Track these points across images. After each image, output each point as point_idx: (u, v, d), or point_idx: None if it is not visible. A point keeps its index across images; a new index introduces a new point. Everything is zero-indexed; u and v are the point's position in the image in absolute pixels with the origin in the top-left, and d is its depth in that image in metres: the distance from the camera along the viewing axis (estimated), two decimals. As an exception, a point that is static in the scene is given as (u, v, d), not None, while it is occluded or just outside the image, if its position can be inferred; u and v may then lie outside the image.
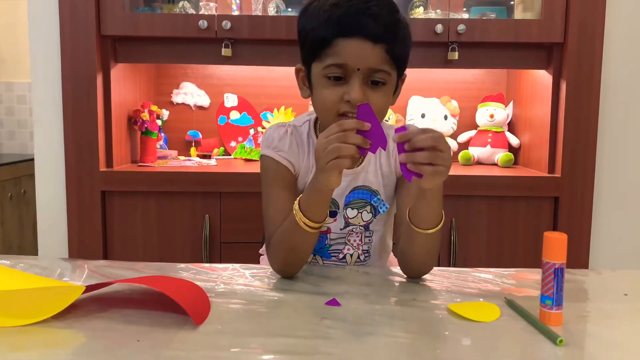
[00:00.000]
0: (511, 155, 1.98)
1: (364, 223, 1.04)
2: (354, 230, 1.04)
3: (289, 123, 1.05)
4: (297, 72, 1.00)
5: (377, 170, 1.05)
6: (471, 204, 1.75)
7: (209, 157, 2.10)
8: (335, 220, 1.03)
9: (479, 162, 2.08)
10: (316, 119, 1.06)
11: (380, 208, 1.04)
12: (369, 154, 0.91)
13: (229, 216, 1.73)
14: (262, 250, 1.24)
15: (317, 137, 1.03)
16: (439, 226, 0.90)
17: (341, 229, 1.04)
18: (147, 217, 1.73)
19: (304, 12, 0.95)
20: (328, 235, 1.04)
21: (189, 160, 2.00)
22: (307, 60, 0.95)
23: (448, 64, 1.79)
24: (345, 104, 0.90)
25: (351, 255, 1.06)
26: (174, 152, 2.08)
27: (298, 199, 0.89)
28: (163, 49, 1.77)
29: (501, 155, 1.99)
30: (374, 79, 0.90)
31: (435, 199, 0.87)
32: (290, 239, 0.91)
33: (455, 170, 1.86)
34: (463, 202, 1.75)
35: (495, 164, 2.03)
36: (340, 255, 1.06)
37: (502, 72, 2.16)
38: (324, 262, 1.06)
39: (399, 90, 1.00)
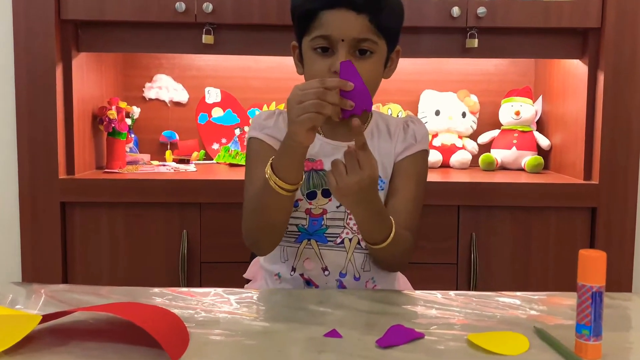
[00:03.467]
0: (540, 159, 1.99)
1: None
2: None
3: (278, 109, 1.16)
4: (293, 49, 1.13)
5: (374, 147, 1.11)
6: (494, 217, 1.75)
7: (187, 161, 2.10)
8: (330, 200, 1.09)
9: (502, 167, 2.08)
10: None
11: (379, 185, 1.08)
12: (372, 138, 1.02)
13: (211, 231, 1.73)
14: (248, 273, 1.25)
15: None
16: (388, 240, 1.00)
17: (337, 207, 1.09)
18: (114, 233, 1.73)
19: None
20: (324, 216, 1.09)
21: (164, 165, 2.00)
22: (298, 36, 1.09)
23: (466, 52, 1.79)
24: (332, 75, 1.00)
25: (350, 240, 1.10)
26: (146, 157, 2.08)
27: (271, 159, 0.97)
28: (133, 36, 1.77)
29: (529, 158, 2.00)
30: (361, 48, 1.03)
31: (365, 210, 0.96)
32: (263, 204, 1.00)
33: (475, 177, 1.86)
34: (484, 214, 1.75)
35: (522, 169, 2.04)
36: (338, 240, 1.10)
37: (530, 63, 2.17)
38: (320, 247, 1.10)
39: (395, 64, 1.12)
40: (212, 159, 2.12)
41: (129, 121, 1.99)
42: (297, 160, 0.96)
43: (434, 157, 2.02)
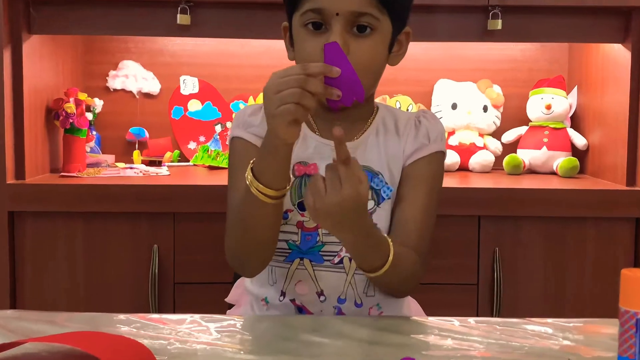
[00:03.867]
0: (576, 161, 1.99)
1: None
2: None
3: None
4: (284, 31, 1.13)
5: (380, 147, 1.11)
6: (521, 229, 1.76)
7: (158, 164, 2.10)
8: None
9: (531, 170, 2.09)
10: None
11: (384, 192, 1.09)
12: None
13: (187, 247, 1.73)
14: (231, 296, 1.26)
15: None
16: (385, 267, 0.98)
17: (328, 232, 1.08)
18: (72, 249, 1.73)
19: None
20: (319, 231, 1.09)
21: (131, 168, 2.00)
22: (289, 13, 1.09)
23: (488, 36, 1.80)
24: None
25: (350, 259, 1.09)
26: (110, 158, 2.08)
27: (251, 162, 0.98)
28: (95, 16, 1.78)
29: (562, 160, 2.01)
30: (360, 24, 1.02)
31: (352, 235, 0.94)
32: (246, 216, 1.00)
33: (499, 182, 1.87)
34: (510, 225, 1.75)
35: (554, 173, 2.05)
36: (336, 259, 1.09)
37: (563, 48, 2.18)
38: (315, 267, 1.09)
39: (404, 49, 1.12)
40: (189, 161, 2.13)
41: (89, 116, 1.99)
42: (282, 161, 0.96)
43: (451, 158, 2.03)
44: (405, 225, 1.07)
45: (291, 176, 1.07)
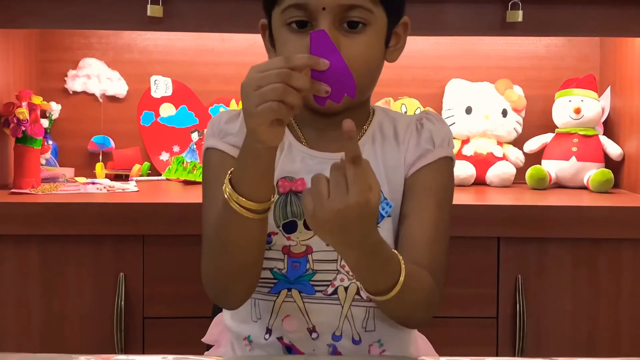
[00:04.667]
0: (609, 174, 2.00)
1: None
2: None
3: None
4: (262, 29, 1.14)
5: (377, 157, 1.12)
6: (547, 253, 1.76)
7: (125, 178, 2.10)
8: None
9: (558, 184, 2.09)
10: None
11: (383, 209, 1.06)
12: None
13: (158, 275, 1.72)
14: (208, 336, 1.25)
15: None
16: (396, 289, 0.96)
17: (328, 244, 1.05)
18: (25, 277, 1.72)
19: None
20: (309, 256, 1.08)
21: (93, 183, 2.00)
22: (267, 9, 1.09)
23: (507, 29, 1.81)
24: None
25: (346, 288, 1.08)
26: (69, 171, 2.08)
27: (230, 171, 0.97)
28: (52, 7, 1.78)
29: (594, 173, 2.01)
30: (351, 19, 1.03)
31: (356, 249, 0.93)
32: (225, 236, 1.00)
33: (521, 198, 1.87)
34: (534, 249, 1.75)
35: (585, 187, 2.05)
36: (330, 290, 1.09)
37: (593, 43, 2.19)
38: (305, 299, 1.09)
39: (403, 42, 1.13)
40: (161, 175, 2.13)
41: (45, 123, 1.98)
42: (265, 168, 0.95)
43: (465, 170, 2.03)
44: (414, 244, 1.07)
45: (276, 193, 1.07)
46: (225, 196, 0.96)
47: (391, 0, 1.07)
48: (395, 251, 1.00)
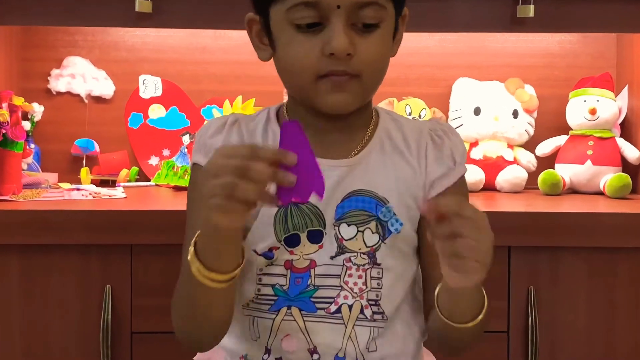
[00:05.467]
0: (627, 178, 2.00)
1: (368, 249, 1.09)
2: (352, 260, 1.08)
3: (237, 114, 1.17)
4: (250, 24, 1.12)
5: (387, 167, 1.12)
6: (560, 262, 1.76)
7: (112, 184, 2.10)
8: (320, 246, 1.08)
9: (573, 190, 2.10)
10: (280, 107, 1.17)
11: (392, 225, 1.09)
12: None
13: (147, 287, 1.72)
14: (199, 356, 1.25)
15: (279, 123, 1.14)
16: (480, 317, 1.00)
17: (332, 258, 1.08)
18: (5, 290, 1.72)
19: None
20: (311, 271, 1.08)
21: (78, 190, 1.99)
22: (261, 4, 1.07)
23: (518, 25, 1.82)
24: (326, 60, 1.02)
25: (350, 307, 1.09)
26: (52, 177, 2.08)
27: (196, 235, 0.97)
28: (35, 3, 1.79)
29: (610, 177, 2.02)
30: (365, 22, 1.02)
31: (467, 291, 0.97)
32: (191, 295, 1.01)
33: (533, 204, 1.87)
34: (547, 258, 1.76)
35: (601, 193, 2.05)
36: (333, 308, 1.09)
37: (609, 39, 2.19)
38: (306, 318, 1.09)
39: (401, 34, 1.13)
40: (150, 180, 2.13)
41: (27, 125, 1.99)
42: (225, 244, 0.96)
43: (473, 175, 2.04)
44: None
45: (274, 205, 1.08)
46: (189, 258, 0.96)
47: None
48: None
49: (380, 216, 1.10)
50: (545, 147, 2.14)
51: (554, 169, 2.09)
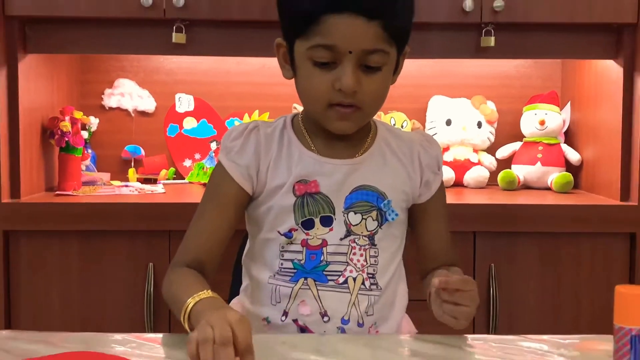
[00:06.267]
0: (570, 177, 2.00)
1: (368, 233, 1.11)
2: (356, 241, 1.10)
3: (258, 121, 1.15)
4: (278, 47, 1.10)
5: (386, 168, 1.13)
6: (516, 245, 1.76)
7: (154, 181, 2.10)
8: (331, 229, 1.09)
9: (525, 186, 2.09)
10: (294, 116, 1.17)
11: (389, 215, 1.11)
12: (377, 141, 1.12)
13: (182, 264, 1.72)
14: None
15: (296, 135, 1.13)
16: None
17: (341, 239, 1.09)
18: (67, 268, 1.72)
19: None
20: (324, 249, 1.09)
21: (127, 186, 2.00)
22: (288, 35, 1.06)
23: (481, 52, 1.81)
24: (336, 93, 1.02)
25: (354, 279, 1.10)
26: (106, 176, 2.08)
27: (199, 296, 0.94)
28: (91, 35, 1.78)
29: (556, 176, 2.02)
30: (369, 65, 1.01)
31: None
32: (173, 309, 1.03)
33: (493, 197, 1.87)
34: (505, 242, 1.75)
35: (548, 188, 2.05)
36: (341, 279, 1.09)
37: (555, 64, 2.19)
38: (319, 287, 1.09)
39: (401, 66, 1.12)
40: (184, 178, 2.13)
41: (85, 134, 1.99)
42: None
43: (446, 174, 2.03)
44: (445, 252, 1.18)
45: (293, 195, 1.08)
46: (181, 309, 0.94)
47: (402, 40, 1.05)
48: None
49: (381, 207, 1.10)
50: (503, 151, 2.14)
51: (510, 169, 2.09)
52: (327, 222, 1.09)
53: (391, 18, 1.00)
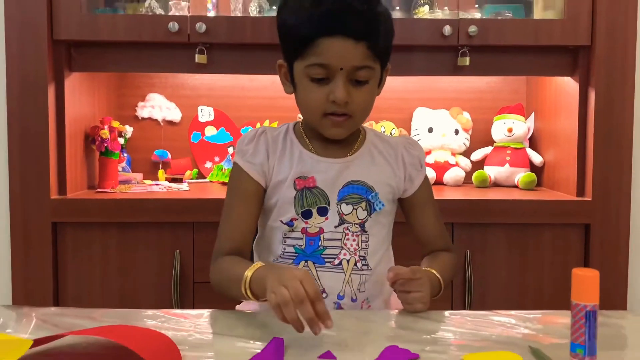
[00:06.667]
0: (533, 176, 2.00)
1: (359, 221, 1.11)
2: (349, 229, 1.10)
3: (265, 127, 1.17)
4: (279, 68, 1.12)
5: (375, 166, 1.13)
6: (488, 234, 1.76)
7: (180, 180, 2.10)
8: (326, 218, 1.09)
9: (496, 184, 2.09)
10: (296, 123, 1.18)
11: (377, 205, 1.11)
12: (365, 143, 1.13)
13: (204, 251, 1.72)
14: (240, 306, 1.25)
15: (297, 138, 1.14)
16: (440, 292, 1.08)
17: (335, 227, 1.10)
18: (106, 254, 1.73)
19: (284, 6, 1.07)
20: (321, 235, 1.09)
21: (157, 184, 2.00)
22: (288, 56, 1.07)
23: (458, 70, 1.81)
24: (330, 104, 1.03)
25: (348, 261, 1.10)
26: (139, 176, 2.08)
27: (253, 268, 0.94)
28: (126, 56, 1.79)
29: (522, 175, 2.01)
30: (358, 79, 1.03)
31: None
32: (229, 290, 1.01)
33: (468, 194, 1.87)
34: (478, 231, 1.75)
35: (516, 186, 2.05)
36: (336, 261, 1.10)
37: (521, 80, 2.19)
38: (318, 269, 1.09)
39: (384, 80, 1.13)
40: (205, 178, 2.13)
41: (121, 140, 1.99)
42: None
43: (428, 174, 2.02)
44: (435, 237, 1.18)
45: (294, 189, 1.08)
46: (242, 280, 0.94)
47: (385, 58, 1.07)
48: (434, 272, 1.08)
49: (370, 199, 1.11)
50: (477, 155, 2.14)
51: (483, 169, 2.08)
52: (323, 212, 1.10)
53: (375, 39, 1.02)
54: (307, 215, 1.10)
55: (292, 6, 1.04)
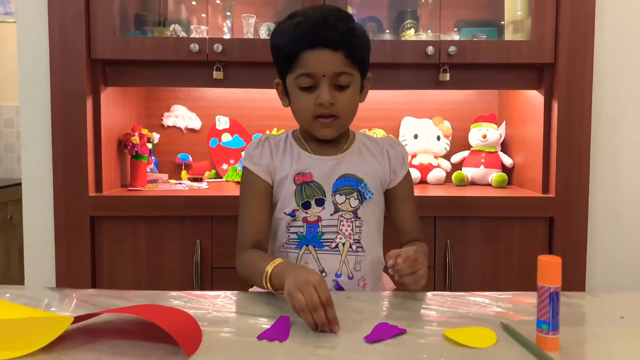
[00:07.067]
0: (505, 176, 2.00)
1: (352, 209, 1.11)
2: (344, 216, 1.10)
3: (268, 134, 1.18)
4: (277, 85, 1.14)
5: (364, 161, 1.14)
6: (466, 226, 1.76)
7: (200, 180, 2.10)
8: (323, 208, 1.10)
9: (472, 183, 2.09)
10: (294, 130, 1.19)
11: (366, 194, 1.12)
12: (355, 142, 1.14)
13: (221, 241, 1.72)
14: (253, 288, 1.25)
15: (296, 142, 1.15)
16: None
17: (331, 215, 1.10)
18: (136, 243, 1.73)
19: (274, 32, 1.10)
20: (319, 223, 1.10)
21: (180, 183, 2.00)
22: (281, 73, 1.10)
23: (440, 85, 1.81)
24: (318, 107, 1.05)
25: (343, 244, 1.10)
26: (165, 176, 2.08)
27: (274, 264, 0.94)
28: (154, 73, 1.78)
29: (495, 175, 2.01)
30: (340, 84, 1.04)
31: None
32: (253, 280, 1.01)
33: (449, 191, 1.87)
34: (457, 223, 1.75)
35: (489, 185, 2.05)
36: (333, 245, 1.10)
37: (494, 93, 2.19)
38: (317, 252, 1.10)
39: (367, 89, 1.14)
40: (222, 178, 2.12)
41: (149, 145, 1.99)
42: None
43: (413, 174, 2.03)
44: (411, 228, 1.17)
45: (294, 184, 1.09)
46: (263, 275, 0.93)
47: (363, 65, 1.08)
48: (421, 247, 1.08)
49: (360, 189, 1.11)
50: (456, 157, 2.13)
51: (461, 170, 2.08)
52: (320, 202, 1.10)
53: (350, 49, 1.03)
54: (306, 206, 1.10)
55: (279, 31, 1.08)
